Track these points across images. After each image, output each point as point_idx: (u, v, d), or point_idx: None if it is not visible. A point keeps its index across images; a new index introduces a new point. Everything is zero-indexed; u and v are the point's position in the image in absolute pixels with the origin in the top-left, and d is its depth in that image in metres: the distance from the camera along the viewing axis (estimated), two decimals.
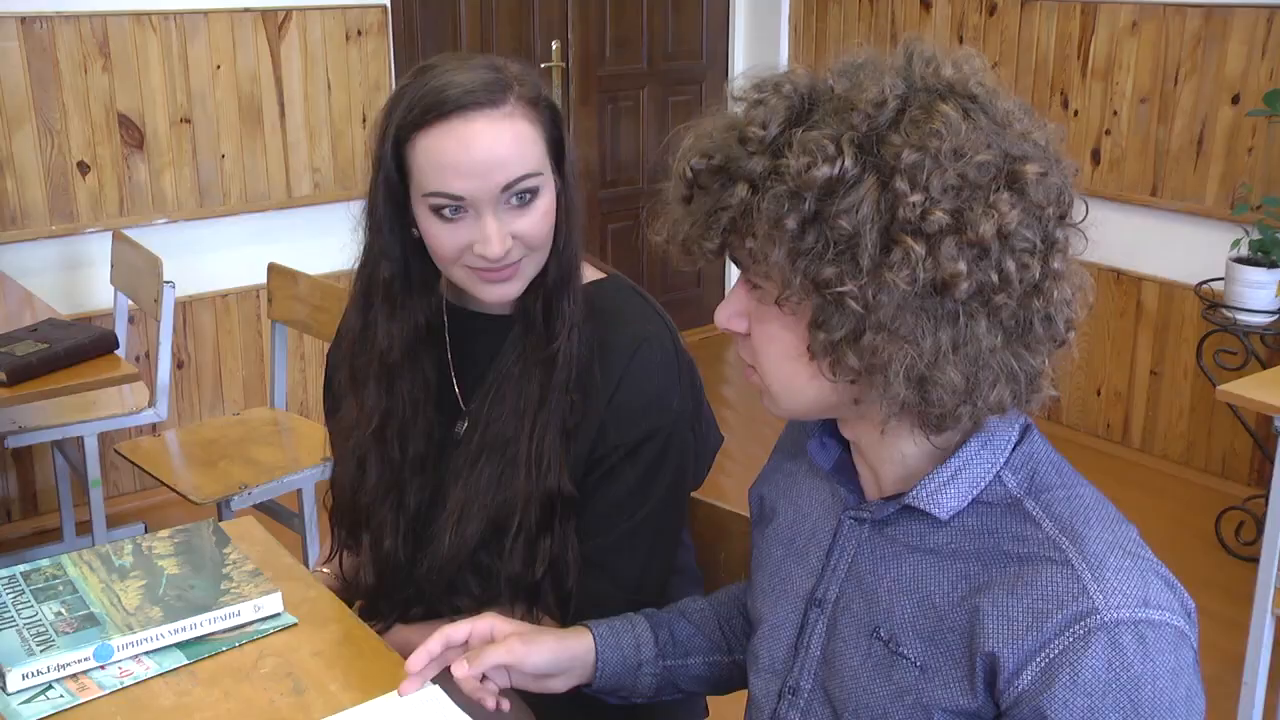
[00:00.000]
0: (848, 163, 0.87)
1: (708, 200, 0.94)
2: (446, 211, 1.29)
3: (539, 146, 1.31)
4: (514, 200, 1.30)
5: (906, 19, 4.35)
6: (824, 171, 0.87)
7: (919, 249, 0.86)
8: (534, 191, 1.31)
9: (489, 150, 1.27)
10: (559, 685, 1.22)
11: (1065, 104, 3.91)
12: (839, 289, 0.88)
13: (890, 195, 0.87)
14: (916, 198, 0.86)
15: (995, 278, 0.88)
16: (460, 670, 1.14)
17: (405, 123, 1.29)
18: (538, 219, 1.31)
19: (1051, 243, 0.91)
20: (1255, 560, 2.42)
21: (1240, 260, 3.25)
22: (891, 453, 1.02)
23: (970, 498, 0.97)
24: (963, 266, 0.87)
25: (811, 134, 0.89)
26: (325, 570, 1.58)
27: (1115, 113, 3.80)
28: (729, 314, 1.01)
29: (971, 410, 0.92)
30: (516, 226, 1.30)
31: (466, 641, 1.20)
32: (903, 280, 0.87)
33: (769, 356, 0.99)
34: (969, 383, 0.90)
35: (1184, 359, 3.70)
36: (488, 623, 1.20)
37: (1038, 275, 0.90)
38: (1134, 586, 0.89)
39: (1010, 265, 0.88)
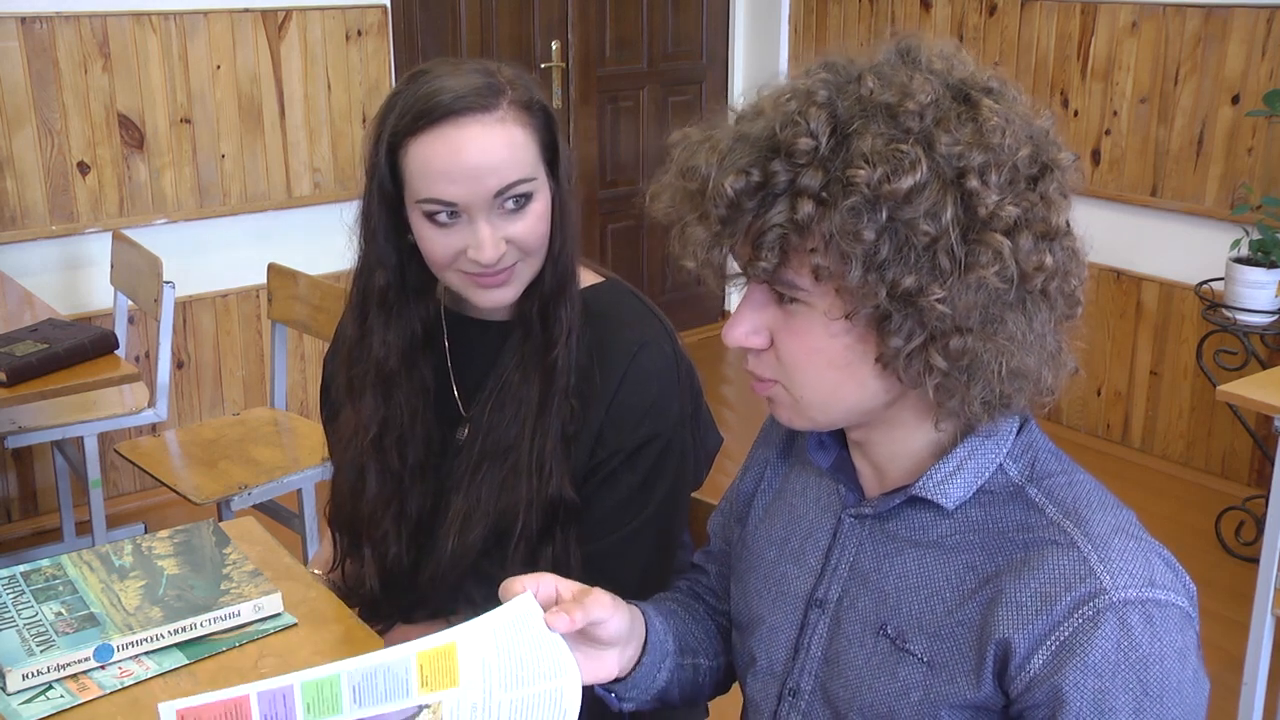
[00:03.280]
0: (924, 168, 0.86)
1: (746, 219, 0.90)
2: (440, 217, 1.29)
3: (532, 151, 1.30)
4: (508, 205, 1.29)
5: (906, 19, 4.35)
6: (907, 181, 0.86)
7: (1008, 244, 0.88)
8: (527, 196, 1.30)
9: (481, 156, 1.26)
10: (610, 664, 1.08)
11: (1065, 104, 3.91)
12: (926, 295, 0.87)
13: (965, 195, 0.87)
14: (992, 196, 0.87)
15: (1054, 263, 0.91)
16: (562, 624, 1.00)
17: (398, 129, 1.28)
18: (532, 223, 1.31)
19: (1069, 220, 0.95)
20: (1255, 560, 2.43)
21: (1240, 260, 3.25)
22: (902, 448, 1.02)
23: (975, 487, 0.98)
24: (1045, 258, 0.90)
25: (874, 142, 0.87)
26: (318, 573, 1.58)
27: (1115, 113, 3.80)
28: (745, 331, 0.97)
29: (1035, 394, 0.94)
30: (510, 231, 1.30)
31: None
32: (994, 277, 0.88)
33: (807, 368, 0.96)
34: (1038, 366, 0.93)
35: (1184, 359, 3.70)
36: (551, 581, 1.04)
37: (1071, 254, 0.94)
38: (1139, 567, 0.91)
39: (1060, 250, 0.92)
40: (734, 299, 0.99)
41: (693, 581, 1.32)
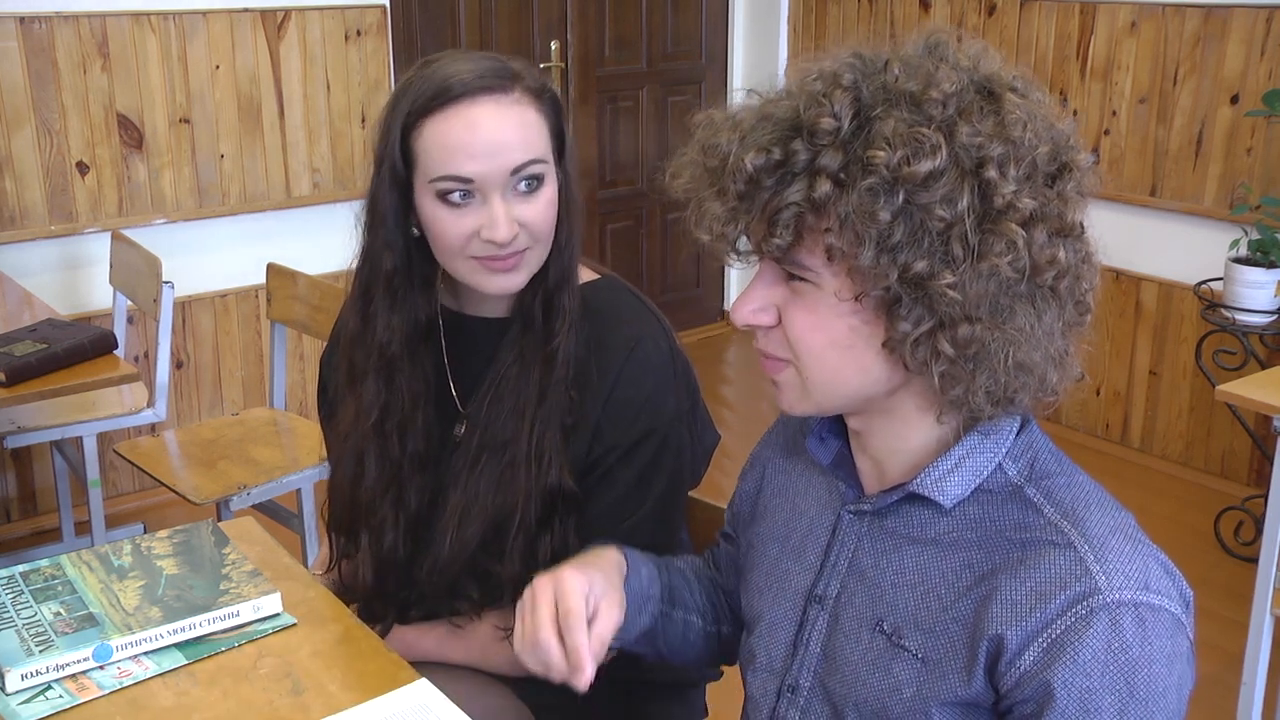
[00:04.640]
0: (944, 154, 0.87)
1: (763, 197, 0.92)
2: (454, 197, 1.29)
3: (544, 135, 1.32)
4: (521, 186, 1.31)
5: (906, 19, 4.35)
6: (926, 165, 0.87)
7: (1022, 235, 0.88)
8: (540, 179, 1.32)
9: (497, 133, 1.28)
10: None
11: (1065, 104, 3.91)
12: (937, 281, 0.88)
13: (982, 185, 0.88)
14: (1009, 187, 0.88)
15: (1066, 260, 0.92)
16: (585, 683, 1.02)
17: (413, 110, 1.29)
18: (542, 207, 1.32)
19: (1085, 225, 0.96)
20: (1254, 560, 2.43)
21: (1239, 260, 3.25)
22: (901, 443, 1.02)
23: (973, 486, 0.98)
24: (1058, 253, 0.90)
25: (896, 126, 0.88)
26: (318, 574, 1.57)
27: (1114, 113, 3.80)
28: (753, 309, 0.98)
29: (1038, 392, 0.95)
30: (522, 214, 1.31)
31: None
32: (1006, 267, 0.88)
33: (812, 348, 0.97)
34: (1044, 363, 0.93)
35: (1183, 359, 3.70)
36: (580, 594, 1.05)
37: (1084, 257, 0.95)
38: (1135, 569, 0.91)
39: (1073, 250, 0.93)
40: (732, 298, 1.00)
41: (714, 549, 1.34)
